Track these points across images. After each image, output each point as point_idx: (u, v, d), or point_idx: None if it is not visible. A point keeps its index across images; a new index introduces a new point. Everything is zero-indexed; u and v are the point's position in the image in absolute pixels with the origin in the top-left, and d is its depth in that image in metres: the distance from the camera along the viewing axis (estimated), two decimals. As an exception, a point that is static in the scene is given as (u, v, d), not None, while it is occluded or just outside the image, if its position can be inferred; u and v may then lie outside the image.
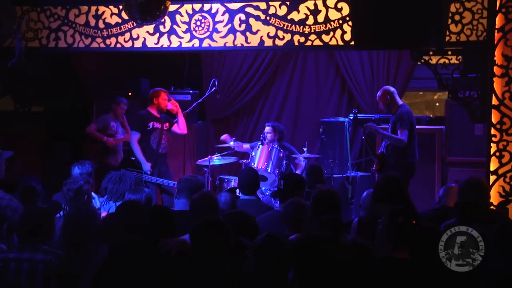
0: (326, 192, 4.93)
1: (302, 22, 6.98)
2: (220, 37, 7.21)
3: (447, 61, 6.78)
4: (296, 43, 7.03)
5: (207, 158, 8.11)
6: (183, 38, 7.32)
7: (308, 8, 6.97)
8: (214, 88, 8.22)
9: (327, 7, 6.92)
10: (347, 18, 6.80)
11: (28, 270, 4.14)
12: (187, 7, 7.29)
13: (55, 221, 5.01)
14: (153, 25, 7.24)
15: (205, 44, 7.27)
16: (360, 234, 4.74)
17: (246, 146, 8.40)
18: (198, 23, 7.25)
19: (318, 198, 4.83)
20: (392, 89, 7.55)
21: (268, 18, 7.07)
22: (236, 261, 3.66)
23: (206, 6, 7.24)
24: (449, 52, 6.71)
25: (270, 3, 7.06)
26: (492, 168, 6.37)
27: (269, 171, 7.79)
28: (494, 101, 6.35)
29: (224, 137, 8.55)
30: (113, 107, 8.87)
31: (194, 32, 7.27)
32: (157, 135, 7.78)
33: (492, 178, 6.34)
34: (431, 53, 6.71)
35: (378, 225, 4.15)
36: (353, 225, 4.97)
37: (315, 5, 6.95)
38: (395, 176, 5.16)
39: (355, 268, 3.43)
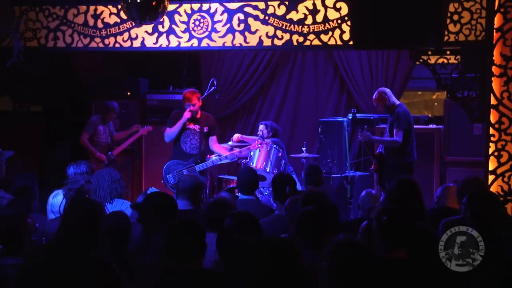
0: (315, 195, 4.89)
1: (301, 21, 6.98)
2: (219, 36, 7.21)
3: (445, 61, 6.78)
4: (295, 43, 7.03)
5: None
6: (182, 37, 7.32)
7: (307, 8, 6.97)
8: (213, 88, 8.22)
9: (325, 7, 6.92)
10: (346, 18, 6.80)
11: (14, 276, 3.89)
12: (186, 6, 7.29)
13: (52, 223, 5.01)
14: (152, 25, 7.24)
15: (204, 43, 7.27)
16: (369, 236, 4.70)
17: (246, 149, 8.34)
18: (197, 22, 7.25)
19: (307, 201, 4.77)
20: (387, 90, 7.61)
21: (267, 17, 7.07)
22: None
23: (205, 6, 7.23)
24: (448, 52, 6.70)
25: (269, 2, 7.06)
26: (490, 167, 6.38)
27: (268, 171, 7.80)
28: (493, 101, 6.37)
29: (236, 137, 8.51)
30: (103, 113, 8.90)
31: (192, 32, 7.27)
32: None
33: (491, 177, 6.36)
34: (429, 53, 6.71)
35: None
36: (362, 227, 4.94)
37: (314, 5, 6.95)
38: (409, 179, 5.16)
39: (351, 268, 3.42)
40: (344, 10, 6.83)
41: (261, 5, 7.08)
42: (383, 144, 7.55)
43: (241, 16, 7.13)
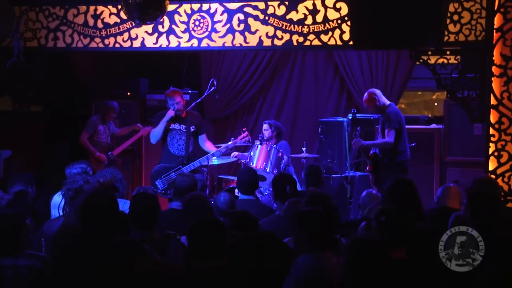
0: (318, 196, 4.87)
1: (301, 22, 6.98)
2: (219, 37, 7.21)
3: (445, 61, 6.78)
4: (295, 43, 7.03)
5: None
6: (181, 38, 7.32)
7: (306, 8, 6.97)
8: (213, 88, 8.21)
9: (325, 7, 6.92)
10: (346, 18, 6.80)
11: (12, 277, 3.95)
12: (186, 7, 7.29)
13: (52, 223, 5.00)
14: (152, 25, 7.24)
15: (204, 44, 7.27)
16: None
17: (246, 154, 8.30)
18: (197, 23, 7.25)
19: (310, 202, 4.74)
20: (377, 91, 7.70)
21: (266, 18, 7.07)
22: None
23: (205, 6, 7.24)
24: (448, 52, 6.71)
25: (269, 3, 7.06)
26: (490, 168, 6.39)
27: (268, 171, 7.80)
28: (493, 101, 6.37)
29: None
30: (103, 113, 8.91)
31: (192, 32, 7.27)
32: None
33: (491, 178, 6.36)
34: (429, 53, 6.71)
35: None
36: (361, 227, 4.93)
37: (314, 5, 6.96)
38: (406, 179, 5.16)
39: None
40: (344, 10, 6.84)
41: (261, 5, 7.08)
42: (375, 147, 7.61)
43: (241, 16, 7.13)
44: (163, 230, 4.43)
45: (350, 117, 8.72)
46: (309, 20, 6.96)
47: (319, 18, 6.94)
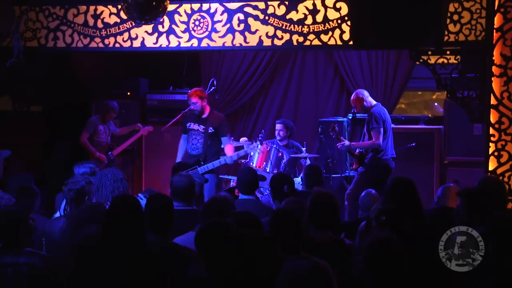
0: (323, 196, 4.86)
1: (301, 21, 6.98)
2: (219, 36, 7.21)
3: (445, 61, 6.79)
4: (295, 43, 7.03)
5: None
6: (181, 37, 7.32)
7: (306, 8, 6.97)
8: (213, 88, 8.22)
9: (325, 7, 6.92)
10: (346, 18, 6.80)
11: (12, 275, 3.95)
12: (186, 6, 7.29)
13: (53, 222, 5.00)
14: (152, 25, 7.24)
15: (204, 43, 7.27)
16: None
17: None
18: (197, 22, 7.25)
19: (315, 201, 4.73)
20: (364, 91, 7.86)
21: (266, 17, 7.07)
22: None
23: (205, 6, 7.24)
24: (448, 52, 6.71)
25: (269, 2, 7.06)
26: (490, 167, 6.39)
27: (268, 170, 7.80)
28: (493, 101, 6.37)
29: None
30: (103, 112, 8.92)
31: (192, 32, 7.27)
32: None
33: (491, 177, 6.36)
34: (429, 53, 6.71)
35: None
36: (360, 227, 4.92)
37: (314, 4, 6.95)
38: (406, 178, 5.16)
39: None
40: (344, 10, 6.84)
41: (261, 5, 7.08)
42: (364, 149, 7.67)
43: (241, 16, 7.13)
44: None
45: (350, 117, 8.73)
46: (309, 20, 6.96)
47: (319, 18, 6.94)
